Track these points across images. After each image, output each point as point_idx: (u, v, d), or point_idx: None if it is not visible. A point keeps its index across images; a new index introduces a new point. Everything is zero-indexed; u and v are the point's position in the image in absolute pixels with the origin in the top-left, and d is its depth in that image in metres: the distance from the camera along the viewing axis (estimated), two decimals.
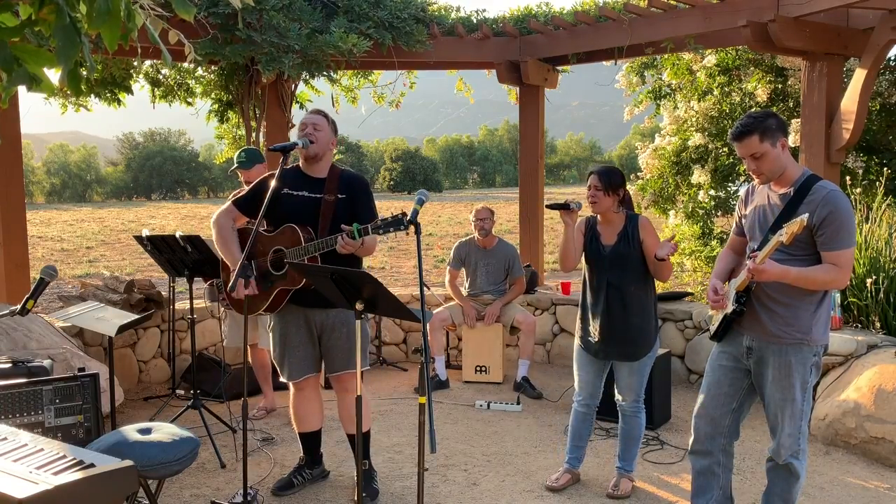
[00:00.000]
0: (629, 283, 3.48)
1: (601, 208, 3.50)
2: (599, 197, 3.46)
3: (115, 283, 5.54)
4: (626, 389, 3.62)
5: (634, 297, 3.49)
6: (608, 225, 3.55)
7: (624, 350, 3.53)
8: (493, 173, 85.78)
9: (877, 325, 4.81)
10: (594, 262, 3.57)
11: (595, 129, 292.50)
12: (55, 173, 63.35)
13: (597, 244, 3.56)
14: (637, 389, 3.60)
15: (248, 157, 4.67)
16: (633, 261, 3.47)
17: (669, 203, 7.89)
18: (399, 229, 3.03)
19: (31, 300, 3.06)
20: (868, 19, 5.03)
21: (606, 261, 3.51)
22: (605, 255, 3.52)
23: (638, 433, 3.67)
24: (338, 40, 5.55)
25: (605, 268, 3.52)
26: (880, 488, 3.72)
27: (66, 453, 1.81)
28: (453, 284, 5.87)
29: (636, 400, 3.63)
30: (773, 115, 2.76)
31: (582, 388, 3.71)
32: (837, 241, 2.65)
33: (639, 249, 3.47)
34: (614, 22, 5.79)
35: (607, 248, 3.52)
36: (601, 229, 3.57)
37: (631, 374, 3.57)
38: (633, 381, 3.59)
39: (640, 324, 3.50)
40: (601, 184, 3.45)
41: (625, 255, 3.47)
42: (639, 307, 3.50)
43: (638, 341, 3.51)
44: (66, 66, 1.47)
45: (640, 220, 3.51)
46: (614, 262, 3.49)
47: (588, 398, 3.72)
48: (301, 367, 3.56)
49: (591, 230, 3.60)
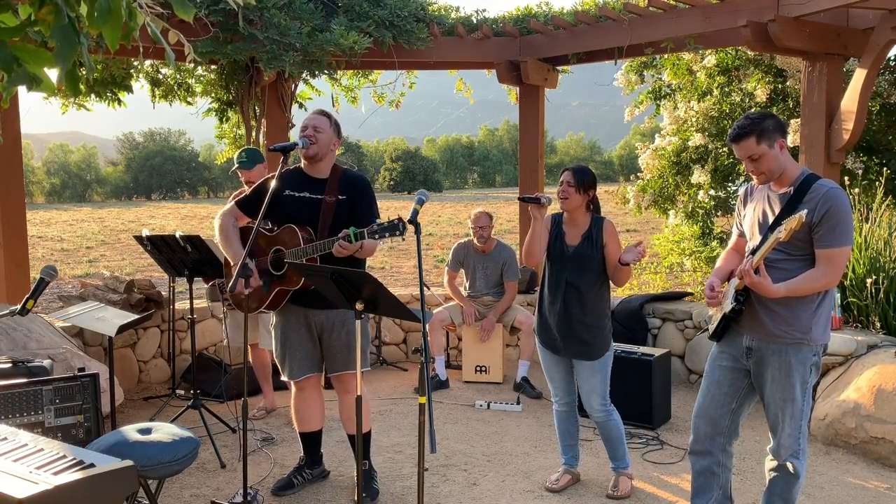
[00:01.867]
0: (587, 284, 3.51)
1: (571, 205, 3.51)
2: (571, 193, 3.48)
3: (115, 283, 5.54)
4: (591, 393, 3.59)
5: (592, 298, 3.52)
6: (574, 225, 3.57)
7: (582, 349, 3.54)
8: (493, 173, 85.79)
9: (877, 325, 4.81)
10: (556, 260, 3.58)
11: (595, 129, 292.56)
12: (55, 173, 63.37)
13: (560, 243, 3.58)
14: (601, 391, 3.58)
15: (250, 157, 4.68)
16: (594, 263, 3.50)
17: (669, 203, 7.89)
18: (395, 235, 3.04)
19: (31, 300, 3.06)
20: (868, 19, 5.03)
21: (568, 260, 3.53)
22: (567, 254, 3.54)
23: (617, 433, 3.66)
24: (338, 38, 5.55)
25: (566, 267, 3.54)
26: (880, 488, 3.72)
27: (66, 453, 1.81)
28: (452, 285, 5.87)
29: (602, 403, 3.60)
30: (770, 116, 2.75)
31: (556, 387, 3.74)
32: (833, 238, 2.64)
33: (601, 252, 3.50)
34: (614, 22, 5.79)
35: (570, 248, 3.54)
36: (566, 228, 3.59)
37: (593, 374, 3.57)
38: (595, 381, 3.57)
39: (596, 323, 3.53)
40: (574, 180, 3.48)
41: (587, 257, 3.50)
42: (594, 308, 3.52)
43: (595, 340, 3.53)
44: (65, 66, 1.47)
45: (605, 224, 3.54)
46: (576, 262, 3.52)
47: (564, 396, 3.73)
48: (302, 366, 3.56)
49: (556, 227, 3.61)
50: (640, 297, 5.96)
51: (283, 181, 3.44)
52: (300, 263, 3.20)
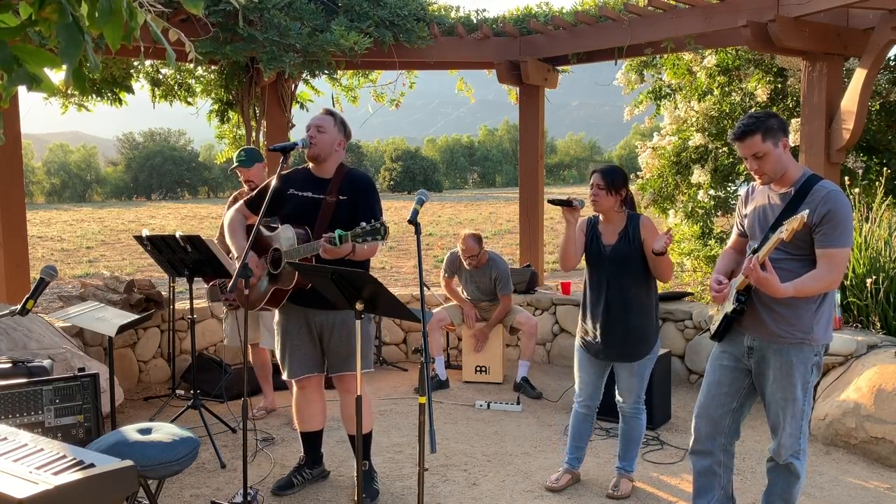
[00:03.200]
0: (630, 284, 3.47)
1: (602, 207, 3.49)
2: (601, 196, 3.45)
3: (115, 283, 5.54)
4: (627, 391, 3.61)
5: (635, 298, 3.48)
6: (609, 224, 3.54)
7: (624, 351, 3.52)
8: (493, 173, 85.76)
9: (877, 325, 4.81)
10: (595, 261, 3.56)
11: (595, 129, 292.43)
12: (55, 173, 63.35)
13: (598, 244, 3.54)
14: (637, 391, 3.59)
15: (248, 156, 4.70)
16: (633, 260, 3.46)
17: (669, 203, 7.89)
18: (377, 239, 3.03)
19: (31, 300, 3.06)
20: (868, 19, 5.03)
21: (607, 260, 3.50)
22: (605, 254, 3.51)
23: (638, 434, 3.67)
24: (339, 39, 5.55)
25: (605, 267, 3.51)
26: (880, 488, 3.72)
27: (66, 453, 1.80)
28: (450, 287, 5.86)
29: (636, 401, 3.62)
30: (774, 115, 2.75)
31: (582, 388, 3.71)
32: (834, 239, 2.64)
33: (640, 249, 3.45)
34: (614, 22, 5.79)
35: (608, 248, 3.51)
36: (602, 229, 3.56)
37: (631, 375, 3.57)
38: (633, 382, 3.58)
39: (641, 324, 3.49)
40: (604, 182, 3.45)
41: (625, 255, 3.46)
42: (639, 308, 3.49)
43: (638, 342, 3.50)
44: (71, 64, 1.47)
45: (642, 220, 3.50)
46: (615, 261, 3.48)
47: (588, 399, 3.71)
48: (302, 365, 3.56)
49: (592, 230, 3.59)
50: None
51: (288, 180, 3.45)
52: (301, 264, 3.19)
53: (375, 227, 3.02)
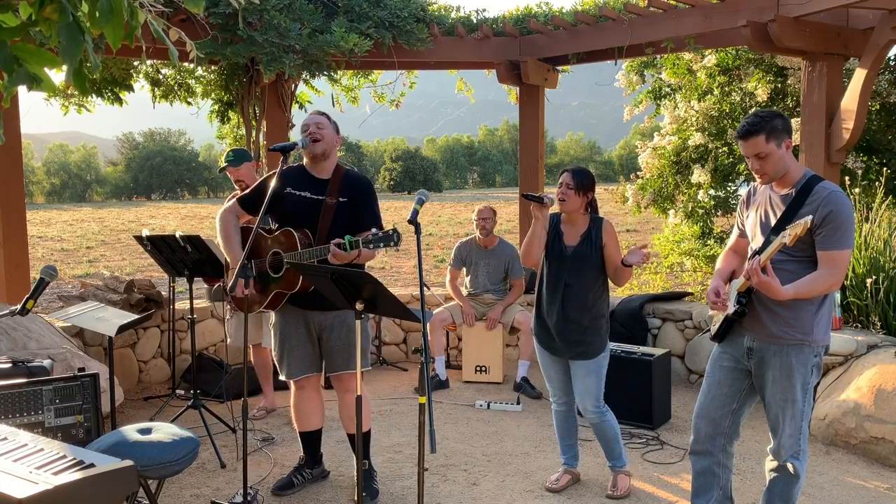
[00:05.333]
0: (586, 285, 3.51)
1: (569, 207, 3.51)
2: (570, 195, 3.48)
3: (115, 283, 5.54)
4: (585, 393, 3.58)
5: (589, 299, 3.52)
6: (572, 226, 3.57)
7: (578, 349, 3.54)
8: (493, 173, 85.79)
9: (877, 325, 4.81)
10: (555, 260, 3.58)
11: (595, 129, 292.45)
12: (55, 173, 63.39)
13: (559, 243, 3.57)
14: (595, 392, 3.57)
15: (237, 156, 4.73)
16: (592, 263, 3.50)
17: (669, 202, 7.89)
18: (389, 246, 3.03)
19: (31, 300, 3.06)
20: (868, 19, 5.02)
21: (568, 260, 3.53)
22: (566, 255, 3.54)
23: (612, 433, 3.66)
24: (339, 40, 5.55)
25: (565, 267, 3.54)
26: (880, 488, 3.72)
27: (66, 453, 1.81)
28: (454, 284, 5.88)
29: (596, 405, 3.58)
30: (779, 116, 2.74)
31: (554, 388, 3.74)
32: (835, 241, 2.64)
33: (600, 252, 3.50)
34: (614, 22, 5.79)
35: (569, 249, 3.54)
36: (564, 229, 3.59)
37: (587, 374, 3.56)
38: (589, 382, 3.56)
39: (594, 324, 3.52)
40: (573, 182, 3.48)
41: (585, 257, 3.50)
42: (592, 308, 3.52)
43: (592, 341, 3.53)
44: (72, 64, 1.47)
45: (604, 224, 3.54)
46: (575, 262, 3.52)
47: (562, 396, 3.73)
48: (300, 365, 3.56)
49: (554, 228, 3.61)
50: (641, 297, 5.96)
51: (284, 179, 3.43)
52: (301, 264, 3.19)
53: (388, 233, 3.02)
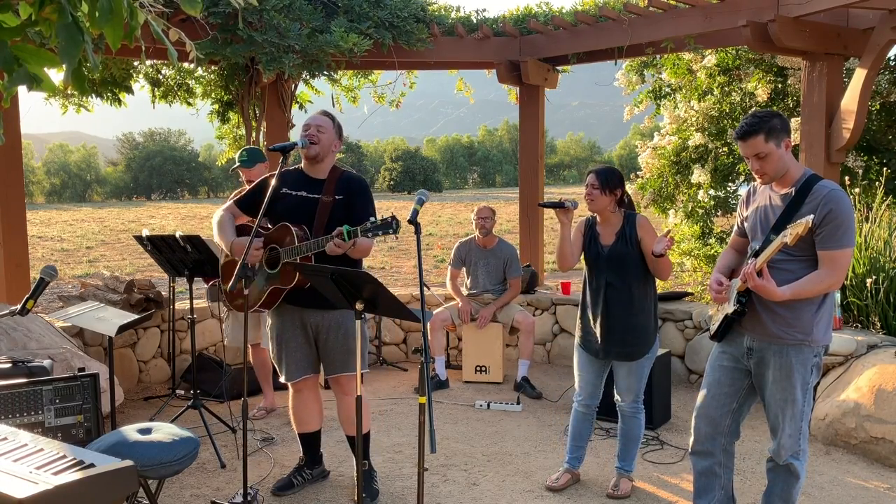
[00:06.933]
0: (628, 283, 3.49)
1: (597, 207, 3.51)
2: (596, 195, 3.48)
3: (115, 283, 5.54)
4: (625, 390, 3.62)
5: (633, 297, 3.50)
6: (607, 225, 3.56)
7: (623, 350, 3.53)
8: (493, 173, 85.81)
9: (877, 325, 4.80)
10: (593, 262, 3.58)
11: (595, 129, 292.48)
12: (55, 173, 63.39)
13: (595, 244, 3.57)
14: (636, 390, 3.60)
15: (250, 156, 4.70)
16: (631, 260, 3.48)
17: (669, 202, 7.89)
18: (388, 233, 3.03)
19: (31, 300, 3.06)
20: (868, 19, 5.03)
21: (604, 261, 3.52)
22: (603, 255, 3.53)
23: (637, 433, 3.67)
24: (338, 40, 5.55)
25: (603, 268, 3.53)
26: (880, 488, 3.72)
27: (66, 453, 1.80)
28: (454, 283, 5.88)
29: (635, 400, 3.63)
30: (777, 115, 2.74)
31: (582, 388, 3.72)
32: (835, 240, 2.64)
33: (637, 248, 3.48)
34: (614, 22, 5.79)
35: (605, 248, 3.53)
36: (600, 229, 3.58)
37: (630, 374, 3.57)
38: (631, 381, 3.58)
39: (640, 323, 3.50)
40: (598, 182, 3.48)
41: (623, 255, 3.48)
42: (638, 307, 3.50)
43: (637, 341, 3.51)
44: (70, 64, 1.47)
45: (638, 219, 3.52)
46: (612, 261, 3.50)
47: (588, 398, 3.72)
48: (299, 367, 3.56)
49: (590, 230, 3.61)
50: None
51: (282, 180, 3.43)
52: (300, 263, 3.19)
53: (387, 220, 3.02)
